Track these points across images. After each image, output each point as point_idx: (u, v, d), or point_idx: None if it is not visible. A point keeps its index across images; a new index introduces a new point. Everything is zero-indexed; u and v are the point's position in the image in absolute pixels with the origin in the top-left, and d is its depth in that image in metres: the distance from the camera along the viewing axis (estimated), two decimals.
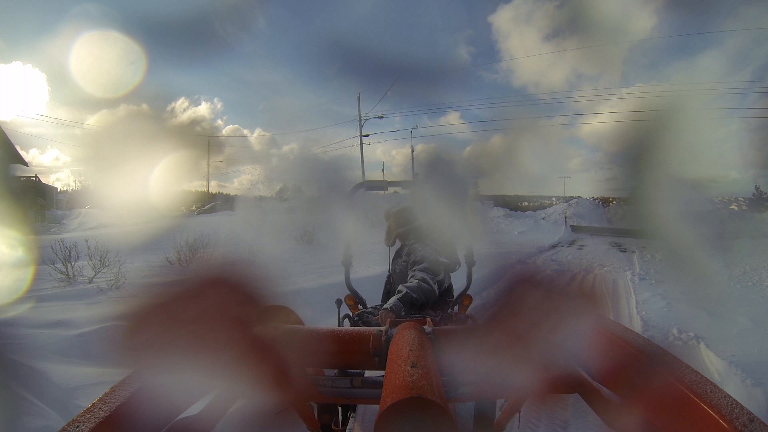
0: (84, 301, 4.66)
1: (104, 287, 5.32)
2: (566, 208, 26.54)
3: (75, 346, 3.09)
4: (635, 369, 0.61)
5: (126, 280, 5.34)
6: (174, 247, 6.72)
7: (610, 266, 9.04)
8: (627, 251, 11.96)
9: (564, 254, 11.80)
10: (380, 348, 0.77)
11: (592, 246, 13.64)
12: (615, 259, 10.47)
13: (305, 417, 0.81)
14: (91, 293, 5.10)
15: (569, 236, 17.62)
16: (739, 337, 3.84)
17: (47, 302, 4.38)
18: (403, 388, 0.47)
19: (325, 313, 2.51)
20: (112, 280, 5.45)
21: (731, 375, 2.98)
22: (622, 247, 13.00)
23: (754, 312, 4.61)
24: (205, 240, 7.37)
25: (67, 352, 3.01)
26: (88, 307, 4.32)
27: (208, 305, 0.53)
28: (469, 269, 2.17)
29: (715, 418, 0.46)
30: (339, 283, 4.87)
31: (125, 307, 0.52)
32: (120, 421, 0.50)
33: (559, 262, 10.16)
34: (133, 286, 4.44)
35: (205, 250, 7.09)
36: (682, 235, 0.85)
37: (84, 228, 10.79)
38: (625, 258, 10.56)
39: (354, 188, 2.14)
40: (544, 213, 26.75)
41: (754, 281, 6.72)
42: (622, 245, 13.54)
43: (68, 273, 5.72)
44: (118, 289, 5.18)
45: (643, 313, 4.87)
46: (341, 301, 2.06)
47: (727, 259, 8.05)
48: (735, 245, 9.77)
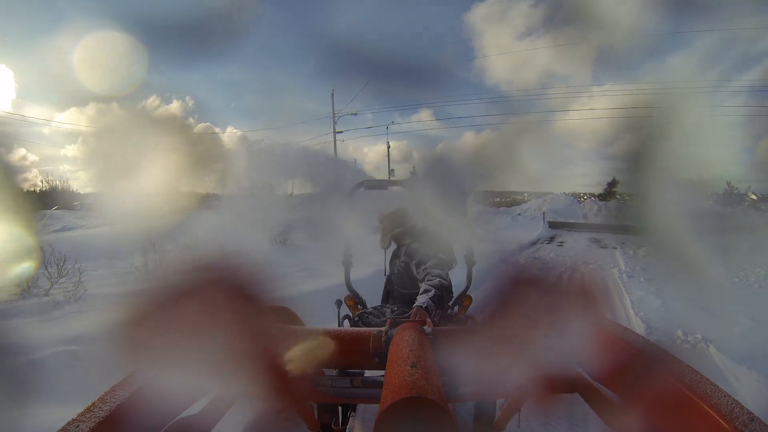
0: (38, 318, 4.08)
1: (61, 300, 4.66)
2: (542, 204, 26.26)
3: (23, 378, 2.60)
4: (635, 369, 0.61)
5: (86, 290, 4.77)
6: (141, 250, 6.04)
7: (595, 263, 8.83)
8: (608, 247, 11.81)
9: (545, 251, 11.44)
10: (380, 348, 0.78)
11: (572, 242, 13.29)
12: (598, 255, 10.25)
13: (305, 417, 0.81)
14: (46, 307, 4.47)
15: (547, 233, 17.16)
16: (743, 336, 3.76)
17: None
18: (403, 388, 0.47)
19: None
20: (71, 291, 4.79)
21: (751, 380, 2.84)
22: (602, 243, 12.79)
23: (749, 309, 4.55)
24: (175, 242, 6.86)
25: (11, 386, 2.55)
26: (42, 326, 3.79)
27: (208, 305, 0.53)
28: (469, 269, 2.17)
29: (715, 418, 0.46)
30: (321, 290, 4.69)
31: (125, 308, 0.52)
32: (120, 421, 0.51)
33: (542, 260, 9.87)
34: (95, 298, 4.12)
35: (175, 254, 6.79)
36: (664, 231, 0.85)
37: (47, 231, 10.14)
38: (607, 254, 10.38)
39: (354, 188, 2.14)
40: (519, 209, 26.35)
41: (741, 277, 6.64)
42: (602, 241, 13.38)
43: (22, 284, 4.86)
44: (78, 302, 4.60)
45: (642, 314, 4.72)
46: (341, 302, 2.06)
47: (711, 256, 7.90)
48: (716, 241, 9.59)
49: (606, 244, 12.46)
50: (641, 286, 6.26)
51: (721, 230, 10.09)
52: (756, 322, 4.14)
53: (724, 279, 6.50)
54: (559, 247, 12.44)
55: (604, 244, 12.53)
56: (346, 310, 2.07)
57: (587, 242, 13.37)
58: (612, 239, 13.11)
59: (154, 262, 5.80)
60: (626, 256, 9.48)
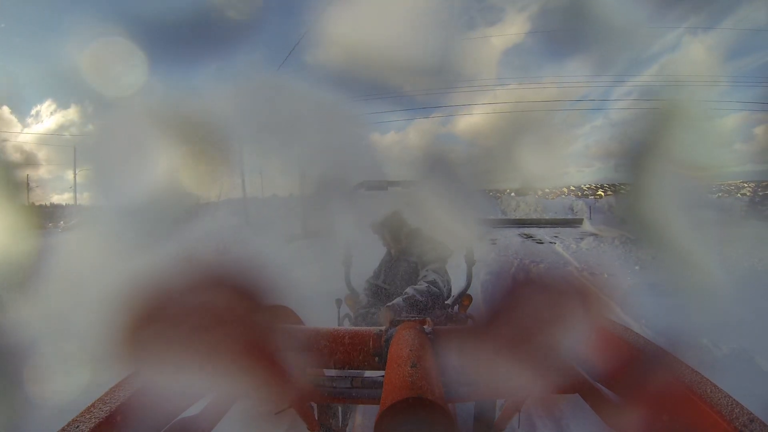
0: None
1: None
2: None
3: None
4: (635, 369, 0.61)
5: None
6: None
7: (544, 261, 7.96)
8: (544, 242, 11.02)
9: (480, 251, 10.47)
10: (380, 348, 0.77)
11: (503, 239, 12.06)
12: (540, 252, 9.44)
13: (305, 417, 0.81)
14: None
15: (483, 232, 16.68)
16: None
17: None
18: (403, 388, 0.47)
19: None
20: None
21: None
22: (536, 238, 11.98)
23: (748, 305, 4.22)
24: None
25: None
26: None
27: (209, 305, 0.53)
28: (469, 269, 2.17)
29: (715, 418, 0.46)
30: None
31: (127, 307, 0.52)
32: (120, 421, 0.51)
33: (483, 261, 8.78)
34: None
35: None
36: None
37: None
38: (549, 250, 9.51)
39: (354, 187, 2.14)
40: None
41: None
42: (534, 235, 12.59)
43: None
44: None
45: (644, 321, 3.95)
46: (341, 301, 2.06)
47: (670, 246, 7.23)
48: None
49: (541, 239, 11.74)
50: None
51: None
52: (757, 316, 3.65)
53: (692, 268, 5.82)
54: (493, 245, 11.12)
55: (538, 239, 11.79)
56: (346, 310, 2.07)
57: (519, 238, 12.39)
58: (540, 233, 12.61)
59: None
60: (570, 251, 8.87)
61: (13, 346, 1.62)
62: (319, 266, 3.87)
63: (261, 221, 11.91)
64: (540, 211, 19.57)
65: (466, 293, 2.16)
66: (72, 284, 1.32)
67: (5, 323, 1.84)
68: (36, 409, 1.32)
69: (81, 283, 1.27)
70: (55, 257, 1.59)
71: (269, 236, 11.41)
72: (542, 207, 20.11)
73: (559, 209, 23.16)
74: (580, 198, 25.66)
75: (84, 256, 1.38)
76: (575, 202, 23.65)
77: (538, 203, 20.18)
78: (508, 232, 13.75)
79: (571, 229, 14.47)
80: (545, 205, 20.48)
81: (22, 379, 1.50)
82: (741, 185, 21.53)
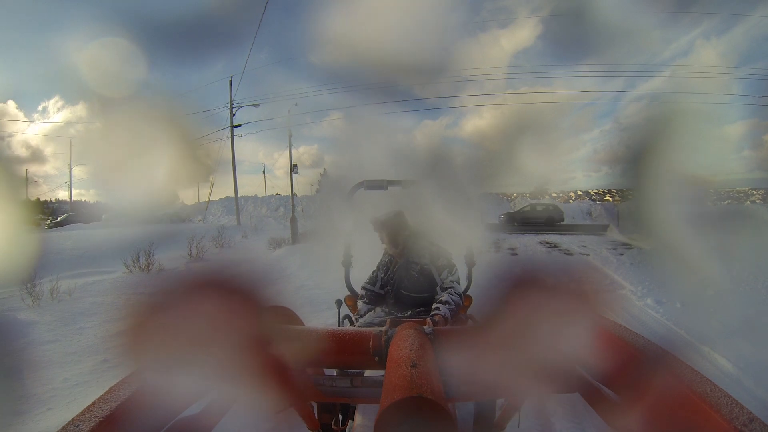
0: None
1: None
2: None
3: None
4: (635, 369, 0.61)
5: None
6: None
7: (592, 284, 6.95)
8: (574, 254, 9.20)
9: (501, 263, 8.42)
10: (380, 348, 0.77)
11: (523, 248, 10.53)
12: (574, 266, 8.15)
13: (305, 416, 0.81)
14: None
15: (488, 236, 14.66)
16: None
17: None
18: (403, 388, 0.47)
19: None
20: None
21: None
22: (562, 248, 10.28)
23: (747, 313, 4.05)
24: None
25: None
26: None
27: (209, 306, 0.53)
28: (469, 269, 2.18)
29: (715, 418, 0.46)
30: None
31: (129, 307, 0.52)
32: (120, 420, 0.51)
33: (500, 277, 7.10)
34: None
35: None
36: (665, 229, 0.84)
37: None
38: (585, 264, 6.34)
39: (354, 187, 2.14)
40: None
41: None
42: (559, 244, 10.91)
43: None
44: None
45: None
46: (341, 302, 2.06)
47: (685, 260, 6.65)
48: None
49: (569, 249, 9.90)
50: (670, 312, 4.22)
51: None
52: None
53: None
54: (513, 255, 9.36)
55: (566, 249, 9.98)
56: (346, 310, 2.06)
57: (541, 247, 10.79)
58: (565, 241, 11.00)
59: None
60: (613, 266, 6.77)
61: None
62: (302, 276, 3.40)
63: (253, 222, 11.52)
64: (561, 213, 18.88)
65: (466, 293, 2.16)
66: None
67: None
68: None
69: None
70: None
71: (255, 239, 10.94)
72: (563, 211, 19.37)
73: (577, 214, 22.56)
74: (596, 203, 25.24)
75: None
76: (593, 206, 23.26)
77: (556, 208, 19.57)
78: (527, 240, 12.27)
79: (596, 237, 12.45)
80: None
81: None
82: (750, 192, 21.46)
